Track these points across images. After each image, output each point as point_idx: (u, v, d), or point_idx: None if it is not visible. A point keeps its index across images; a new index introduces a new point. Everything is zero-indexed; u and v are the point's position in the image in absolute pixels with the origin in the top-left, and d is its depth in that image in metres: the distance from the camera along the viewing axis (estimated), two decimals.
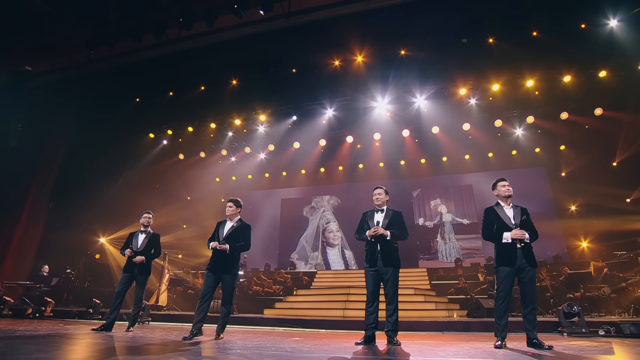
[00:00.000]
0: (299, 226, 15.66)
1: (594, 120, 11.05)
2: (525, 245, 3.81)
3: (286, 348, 3.61)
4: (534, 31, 9.50)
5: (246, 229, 4.91)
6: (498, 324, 3.74)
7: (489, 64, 10.19)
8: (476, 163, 14.05)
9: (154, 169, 13.23)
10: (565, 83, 10.17)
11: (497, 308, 3.80)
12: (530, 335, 3.60)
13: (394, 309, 4.03)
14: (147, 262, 5.55)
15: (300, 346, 3.81)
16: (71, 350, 3.37)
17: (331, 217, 15.53)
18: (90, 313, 7.15)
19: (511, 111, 11.63)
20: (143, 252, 5.50)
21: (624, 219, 10.88)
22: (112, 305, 5.22)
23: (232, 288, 4.66)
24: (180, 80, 11.25)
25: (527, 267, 3.73)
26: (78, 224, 11.13)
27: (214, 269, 4.64)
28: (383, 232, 4.11)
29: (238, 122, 12.27)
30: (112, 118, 11.48)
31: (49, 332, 4.69)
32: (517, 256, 3.79)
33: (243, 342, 4.21)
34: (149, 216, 5.79)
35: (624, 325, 4.82)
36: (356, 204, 15.36)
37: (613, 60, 9.64)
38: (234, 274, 4.72)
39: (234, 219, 4.92)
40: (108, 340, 4.12)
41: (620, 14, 9.01)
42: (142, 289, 5.54)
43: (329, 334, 5.84)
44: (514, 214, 3.99)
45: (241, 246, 4.80)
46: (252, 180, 15.86)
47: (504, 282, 3.79)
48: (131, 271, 5.46)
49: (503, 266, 3.83)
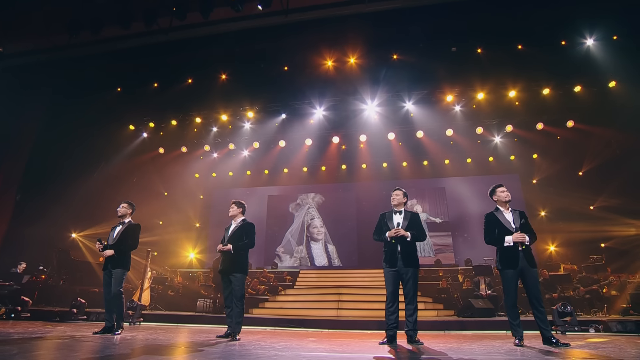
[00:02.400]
0: (285, 222, 15.62)
1: (566, 131, 11.77)
2: (526, 247, 4.02)
3: (318, 349, 3.58)
4: (519, 45, 9.99)
5: (249, 227, 4.92)
6: (512, 323, 3.92)
7: (475, 73, 10.59)
8: (455, 168, 14.56)
9: (132, 162, 12.63)
10: (544, 95, 10.78)
11: (508, 309, 3.98)
12: (546, 333, 3.79)
13: (414, 309, 4.11)
14: (118, 255, 4.97)
15: (327, 347, 3.79)
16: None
17: (315, 213, 15.61)
18: (74, 313, 6.68)
19: (492, 119, 12.17)
20: (115, 245, 4.99)
21: (588, 224, 11.69)
22: (106, 308, 4.89)
23: (241, 286, 4.59)
24: (166, 71, 10.84)
25: (529, 269, 3.93)
26: (48, 217, 10.43)
27: (224, 270, 4.70)
28: (404, 233, 4.18)
29: (225, 118, 11.99)
30: (91, 107, 10.86)
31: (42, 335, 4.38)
32: (519, 258, 3.98)
33: (264, 343, 4.11)
34: (125, 205, 5.32)
35: (612, 324, 5.19)
36: (339, 202, 15.54)
37: (588, 77, 10.33)
38: (243, 271, 4.71)
39: (237, 219, 4.98)
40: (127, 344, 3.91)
41: (596, 33, 9.70)
42: (117, 283, 4.92)
43: (335, 333, 5.84)
44: (513, 218, 4.18)
45: (244, 244, 4.78)
46: (232, 178, 15.55)
47: (510, 284, 3.97)
48: (107, 267, 5.00)
49: (507, 269, 4.01)
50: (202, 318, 7.63)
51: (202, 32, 9.69)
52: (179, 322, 7.52)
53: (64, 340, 3.96)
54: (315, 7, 8.88)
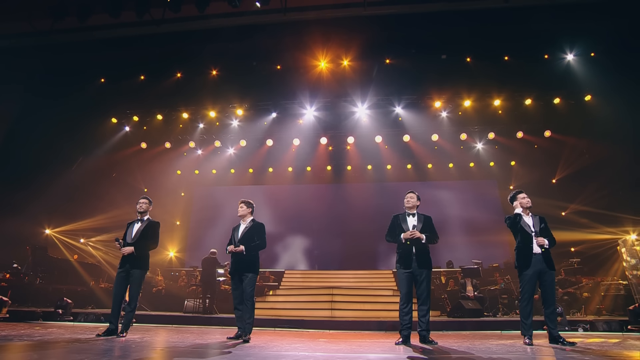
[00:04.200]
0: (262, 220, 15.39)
1: (543, 140, 12.38)
2: (545, 250, 4.22)
3: (341, 349, 3.59)
4: (506, 56, 10.43)
5: (260, 227, 4.85)
6: (524, 323, 4.10)
7: (463, 81, 10.94)
8: (437, 172, 14.94)
9: (113, 156, 12.11)
10: (526, 105, 11.29)
11: (522, 309, 4.17)
12: (553, 332, 3.99)
13: (426, 310, 4.21)
14: (139, 254, 4.82)
15: (348, 347, 3.81)
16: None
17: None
18: (59, 314, 6.32)
19: (475, 126, 12.61)
20: (135, 243, 4.81)
21: (560, 230, 12.34)
22: (113, 309, 4.68)
23: (253, 286, 4.52)
24: (155, 64, 10.50)
25: (547, 271, 4.14)
26: (21, 212, 9.82)
27: (235, 271, 4.63)
28: (420, 236, 4.27)
29: (213, 115, 11.74)
30: (72, 96, 10.32)
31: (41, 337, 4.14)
32: (537, 261, 4.18)
33: (280, 344, 4.06)
34: (145, 201, 5.08)
35: (598, 324, 5.53)
36: (322, 202, 15.52)
37: (566, 90, 10.92)
38: (255, 272, 4.65)
39: (246, 219, 4.90)
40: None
41: (576, 49, 10.28)
42: (137, 285, 4.82)
43: (343, 334, 5.81)
44: (533, 222, 4.39)
45: (257, 245, 4.71)
46: (216, 176, 15.23)
47: (527, 285, 4.17)
48: (124, 266, 4.80)
49: (526, 270, 4.20)
50: (195, 319, 7.44)
51: (195, 26, 9.45)
52: (168, 323, 7.29)
53: (74, 343, 3.77)
54: (315, 7, 8.89)
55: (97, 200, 11.61)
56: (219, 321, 7.40)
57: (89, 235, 12.02)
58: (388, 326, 6.22)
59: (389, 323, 6.25)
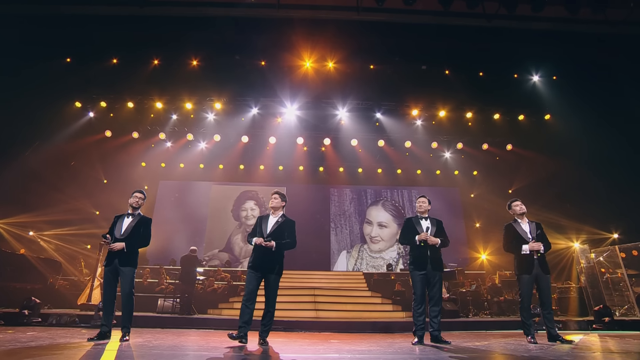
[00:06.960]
0: (227, 218, 14.91)
1: (505, 153, 13.33)
2: (541, 255, 4.55)
3: (362, 350, 3.59)
4: (480, 72, 11.09)
5: (291, 225, 4.57)
6: (526, 323, 4.40)
7: (439, 92, 11.47)
8: (405, 177, 15.48)
9: (73, 143, 11.11)
10: (494, 119, 12.08)
11: (523, 311, 4.45)
12: (552, 332, 4.32)
13: (438, 311, 4.35)
14: (130, 251, 4.49)
15: (367, 348, 3.82)
16: None
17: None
18: (25, 315, 5.63)
19: (446, 136, 13.25)
20: (126, 239, 4.46)
21: None
22: (105, 311, 4.29)
23: (276, 289, 4.31)
24: (131, 47, 9.85)
25: (543, 275, 4.46)
26: None
27: (259, 267, 4.26)
28: (435, 241, 4.41)
29: (189, 106, 11.24)
30: (31, 75, 9.32)
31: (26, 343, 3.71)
32: (534, 265, 4.50)
33: (296, 347, 3.98)
34: (141, 196, 4.75)
35: (570, 323, 6.06)
36: (291, 202, 15.37)
37: (530, 108, 11.84)
38: (279, 273, 4.35)
39: (277, 213, 4.58)
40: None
41: (541, 71, 11.20)
42: (130, 283, 4.47)
43: (341, 335, 5.75)
44: (529, 229, 4.71)
45: (287, 243, 4.42)
46: (183, 170, 14.54)
47: (525, 288, 4.47)
48: (111, 263, 4.42)
49: (523, 274, 4.50)
50: (174, 321, 7.04)
51: (180, 12, 9.01)
52: (142, 325, 6.80)
53: (69, 350, 3.41)
54: (309, 6, 8.85)
55: (52, 190, 10.59)
56: (203, 322, 7.09)
57: (39, 227, 10.94)
58: (381, 327, 6.34)
59: (381, 324, 6.37)
